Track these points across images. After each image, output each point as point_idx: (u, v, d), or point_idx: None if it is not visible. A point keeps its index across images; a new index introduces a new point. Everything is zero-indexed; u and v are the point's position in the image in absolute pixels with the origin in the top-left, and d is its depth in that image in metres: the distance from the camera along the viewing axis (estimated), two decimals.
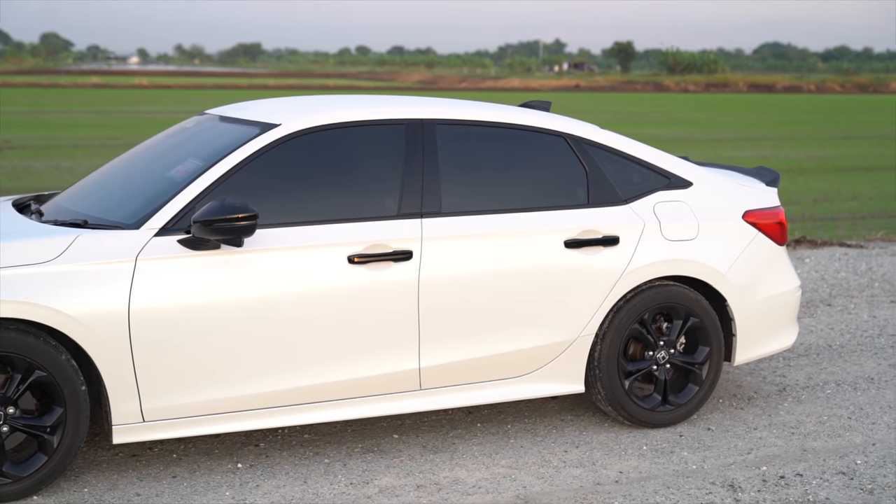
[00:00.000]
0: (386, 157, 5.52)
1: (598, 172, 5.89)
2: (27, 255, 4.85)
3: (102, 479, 5.18)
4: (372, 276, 5.30)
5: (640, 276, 5.82)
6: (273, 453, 5.54)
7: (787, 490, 5.17)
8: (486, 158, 5.77)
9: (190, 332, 5.02)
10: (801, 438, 5.88)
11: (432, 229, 5.44)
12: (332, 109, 5.57)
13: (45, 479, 4.93)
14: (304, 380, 5.24)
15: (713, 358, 6.04)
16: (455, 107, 5.86)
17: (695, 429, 6.01)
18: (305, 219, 5.27)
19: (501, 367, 5.64)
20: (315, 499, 5.00)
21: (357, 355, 5.32)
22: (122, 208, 5.27)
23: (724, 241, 6.06)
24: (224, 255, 5.07)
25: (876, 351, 7.65)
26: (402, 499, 5.01)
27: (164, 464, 5.38)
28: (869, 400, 6.54)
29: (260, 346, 5.14)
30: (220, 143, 5.46)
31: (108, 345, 4.90)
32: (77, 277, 4.86)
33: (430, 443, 5.74)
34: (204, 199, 5.11)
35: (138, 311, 4.92)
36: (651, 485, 5.22)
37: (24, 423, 4.87)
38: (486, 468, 5.40)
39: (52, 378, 4.86)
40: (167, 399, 5.04)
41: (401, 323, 5.38)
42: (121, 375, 4.95)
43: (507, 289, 5.57)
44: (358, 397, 5.39)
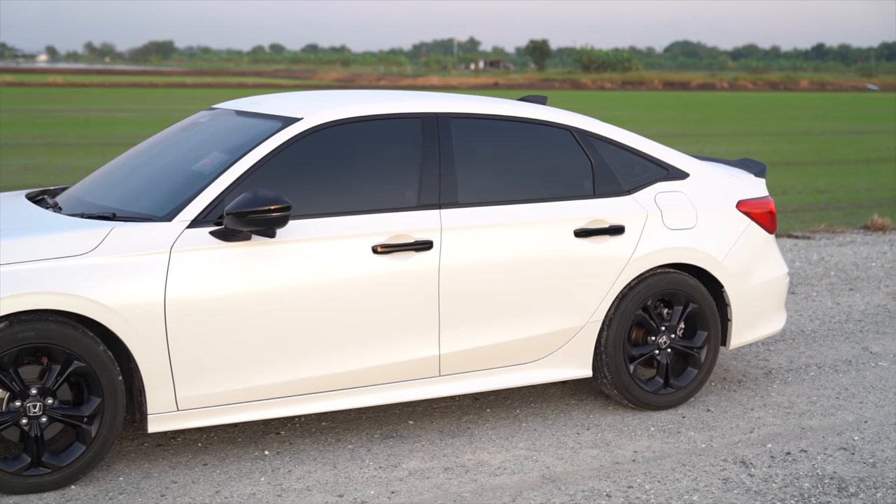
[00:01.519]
0: (404, 149, 5.67)
1: (602, 164, 6.11)
2: (64, 247, 4.91)
3: (134, 467, 5.25)
4: (395, 265, 5.44)
5: (644, 264, 6.04)
6: (296, 440, 5.66)
7: (796, 465, 5.42)
8: (498, 151, 5.95)
9: (222, 322, 5.12)
10: (796, 417, 6.15)
11: (451, 219, 5.60)
12: (351, 104, 5.71)
13: (83, 468, 5.00)
14: (331, 367, 5.37)
15: (711, 342, 6.29)
16: (467, 101, 6.04)
17: (695, 410, 6.25)
18: (330, 210, 5.40)
19: (515, 353, 5.82)
20: (348, 482, 5.13)
21: (381, 343, 5.47)
22: (150, 201, 5.35)
23: (720, 230, 6.31)
24: (254, 246, 5.18)
25: (847, 335, 7.98)
26: (433, 481, 5.17)
27: (191, 452, 5.47)
28: (851, 381, 6.84)
29: (289, 335, 5.26)
30: (243, 136, 5.56)
31: (144, 335, 4.98)
32: (114, 269, 4.94)
33: (445, 427, 5.90)
34: (232, 191, 5.22)
35: (174, 301, 5.01)
36: (667, 463, 5.44)
37: (62, 413, 4.94)
38: (506, 451, 5.58)
39: (90, 368, 4.93)
40: (200, 388, 5.14)
41: (422, 311, 5.53)
42: (156, 365, 5.03)
43: (522, 277, 5.75)
44: (381, 384, 5.53)
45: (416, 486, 5.10)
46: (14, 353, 4.80)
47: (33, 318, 4.82)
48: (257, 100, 6.23)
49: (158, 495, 4.95)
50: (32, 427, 4.88)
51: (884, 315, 8.63)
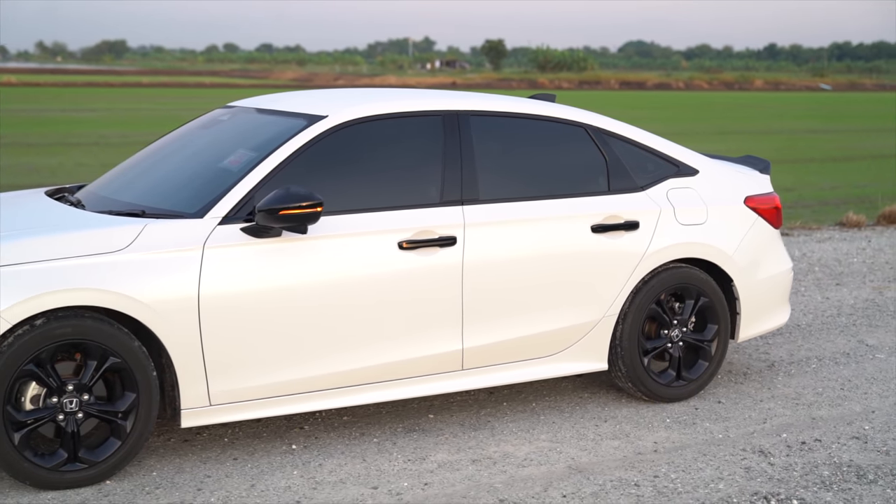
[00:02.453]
0: (426, 146, 5.75)
1: (616, 161, 6.22)
2: (99, 244, 4.95)
3: (165, 463, 5.30)
4: (420, 261, 5.52)
5: (658, 259, 6.16)
6: (321, 435, 5.72)
7: (813, 454, 5.56)
8: (516, 147, 6.05)
9: (254, 317, 5.17)
10: (805, 408, 6.30)
11: (473, 216, 5.69)
12: (374, 101, 5.78)
13: (119, 463, 5.04)
14: (360, 362, 5.44)
15: (721, 335, 6.42)
16: (485, 99, 6.13)
17: (707, 402, 6.38)
18: (356, 206, 5.47)
19: (534, 347, 5.92)
20: (380, 475, 5.20)
21: (407, 337, 5.54)
22: (180, 198, 5.39)
23: (729, 225, 6.44)
24: (285, 243, 5.24)
25: (841, 329, 8.15)
26: (463, 472, 5.25)
27: (220, 447, 5.52)
28: (852, 373, 7.01)
29: (319, 330, 5.33)
30: (267, 134, 5.61)
31: (178, 330, 5.03)
32: (148, 265, 4.98)
33: (466, 421, 5.98)
34: (261, 188, 5.27)
35: (207, 297, 5.06)
36: (689, 453, 5.56)
37: (98, 409, 4.97)
38: (529, 443, 5.67)
39: (125, 364, 4.97)
40: (232, 383, 5.19)
41: (446, 306, 5.62)
42: (190, 360, 5.08)
43: (542, 272, 5.85)
44: (406, 378, 5.61)
45: (447, 478, 5.18)
46: (51, 350, 4.83)
47: (70, 314, 4.85)
48: (277, 98, 6.29)
49: (195, 489, 4.99)
50: (69, 423, 4.91)
51: (873, 309, 8.82)
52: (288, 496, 4.94)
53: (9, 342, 4.74)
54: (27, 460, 4.83)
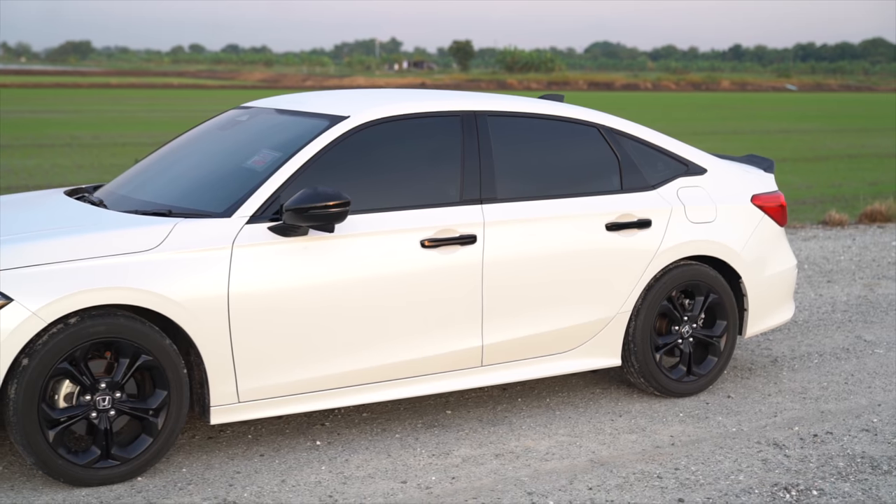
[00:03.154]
0: (446, 146, 5.84)
1: (628, 160, 6.33)
2: (130, 243, 5.00)
3: (193, 459, 5.35)
4: (442, 259, 5.61)
5: (669, 257, 6.28)
6: (343, 431, 5.79)
7: (826, 446, 5.69)
8: (532, 147, 6.14)
9: (281, 315, 5.24)
10: (813, 402, 6.43)
11: (492, 214, 5.78)
12: (394, 102, 5.86)
13: (151, 460, 5.10)
14: (383, 358, 5.52)
15: (730, 331, 6.55)
16: (501, 100, 6.22)
17: (716, 397, 6.50)
18: (379, 205, 5.55)
19: (551, 344, 6.02)
20: (406, 469, 5.28)
21: (429, 334, 5.63)
22: (206, 197, 5.45)
23: (737, 223, 6.57)
24: (311, 241, 5.31)
25: (838, 325, 8.30)
26: (487, 466, 5.34)
27: (244, 444, 5.58)
28: (854, 368, 7.15)
29: (345, 327, 5.40)
30: (290, 134, 5.68)
31: (209, 328, 5.09)
32: (179, 264, 5.04)
33: (483, 416, 6.08)
34: (287, 188, 5.34)
35: (237, 295, 5.13)
36: (705, 446, 5.67)
37: (130, 406, 5.03)
38: (548, 437, 5.77)
39: (157, 362, 5.02)
40: (260, 379, 5.25)
41: (467, 303, 5.71)
42: (219, 357, 5.14)
43: (559, 269, 5.95)
44: (428, 374, 5.69)
45: (473, 472, 5.27)
46: (85, 348, 4.88)
47: (103, 313, 4.91)
48: (295, 99, 6.35)
49: (226, 485, 5.06)
50: (101, 420, 4.96)
51: (866, 305, 8.98)
52: (319, 491, 5.01)
53: (43, 341, 4.79)
54: (61, 457, 4.88)
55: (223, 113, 6.60)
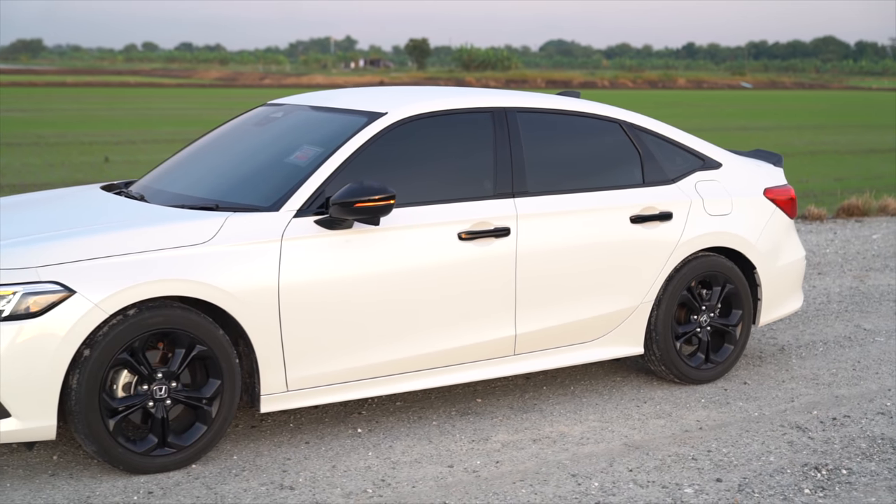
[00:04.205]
0: (478, 141, 6.02)
1: (649, 155, 6.54)
2: (184, 237, 5.14)
3: (242, 448, 5.50)
4: (478, 251, 5.79)
5: (689, 248, 6.50)
6: (381, 419, 5.96)
7: (846, 429, 5.93)
8: (559, 142, 6.34)
9: (328, 306, 5.40)
10: (826, 388, 6.68)
11: (524, 207, 5.97)
12: (429, 98, 6.03)
13: (205, 448, 5.24)
14: (422, 348, 5.69)
15: (745, 320, 6.79)
16: (529, 97, 6.42)
17: (734, 384, 6.73)
18: (418, 199, 5.72)
19: (579, 333, 6.22)
20: (449, 455, 5.46)
21: (467, 324, 5.81)
22: (251, 192, 5.60)
23: (751, 216, 6.80)
24: (355, 234, 5.47)
25: (836, 315, 8.58)
26: (527, 451, 5.53)
27: (288, 432, 5.73)
28: (858, 355, 7.41)
29: (387, 318, 5.57)
30: (329, 130, 5.84)
31: (260, 319, 5.24)
32: (231, 257, 5.19)
33: (514, 404, 6.26)
34: (331, 182, 5.49)
35: (286, 286, 5.28)
36: (732, 430, 5.89)
37: (185, 395, 5.16)
38: (580, 423, 5.97)
39: (211, 352, 5.17)
40: (307, 369, 5.41)
41: (501, 294, 5.89)
42: (270, 347, 5.29)
43: (587, 261, 6.16)
44: (464, 363, 5.87)
45: (515, 456, 5.45)
46: (144, 339, 5.02)
47: (159, 304, 5.04)
48: (329, 95, 6.50)
49: (280, 471, 5.21)
50: (158, 409, 5.10)
51: (859, 296, 9.26)
52: (371, 475, 5.18)
53: (104, 332, 4.91)
54: (121, 446, 5.02)
55: (252, 110, 6.73)
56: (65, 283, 4.85)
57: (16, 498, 4.86)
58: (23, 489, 4.95)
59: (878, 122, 39.60)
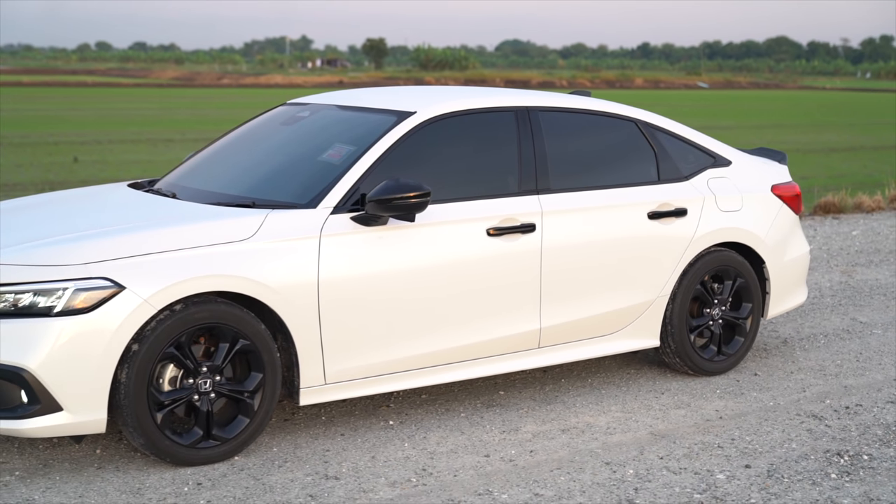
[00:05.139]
0: (503, 139, 6.17)
1: (664, 153, 6.72)
2: (226, 233, 5.25)
3: (279, 440, 5.61)
4: (506, 246, 5.94)
5: (703, 243, 6.69)
6: (410, 412, 6.09)
7: (860, 417, 6.14)
8: (579, 141, 6.50)
9: (364, 300, 5.53)
10: (834, 378, 6.88)
11: (548, 204, 6.12)
12: (456, 98, 6.18)
13: (247, 440, 5.35)
14: (454, 341, 5.83)
15: (755, 313, 6.99)
16: (548, 96, 6.58)
17: (745, 375, 6.92)
18: (448, 196, 5.85)
19: (599, 326, 6.39)
20: (483, 445, 5.60)
21: (495, 318, 5.96)
22: (287, 189, 5.71)
23: (760, 212, 7.01)
24: (390, 230, 5.60)
25: (832, 309, 8.81)
26: (557, 441, 5.69)
27: (321, 425, 5.85)
28: (859, 347, 7.64)
29: (420, 312, 5.70)
30: (360, 129, 5.96)
31: (300, 314, 5.36)
32: (272, 253, 5.30)
33: (535, 396, 6.42)
34: (365, 180, 5.62)
35: (325, 281, 5.40)
36: (751, 419, 6.08)
37: (228, 388, 5.27)
38: (604, 414, 6.13)
39: (253, 346, 5.28)
40: (345, 362, 5.53)
41: (527, 288, 6.05)
42: (309, 341, 5.41)
43: (608, 256, 6.33)
44: (491, 356, 6.02)
45: (547, 446, 5.60)
46: (190, 333, 5.12)
47: (204, 299, 5.14)
48: (354, 95, 6.62)
49: (321, 462, 5.33)
50: (203, 402, 5.20)
51: (850, 290, 9.51)
52: (411, 465, 5.31)
53: (152, 327, 5.01)
54: (168, 438, 5.11)
55: (273, 109, 6.83)
56: (115, 280, 4.94)
57: (68, 490, 4.94)
58: (73, 482, 5.04)
59: (834, 121, 40.26)
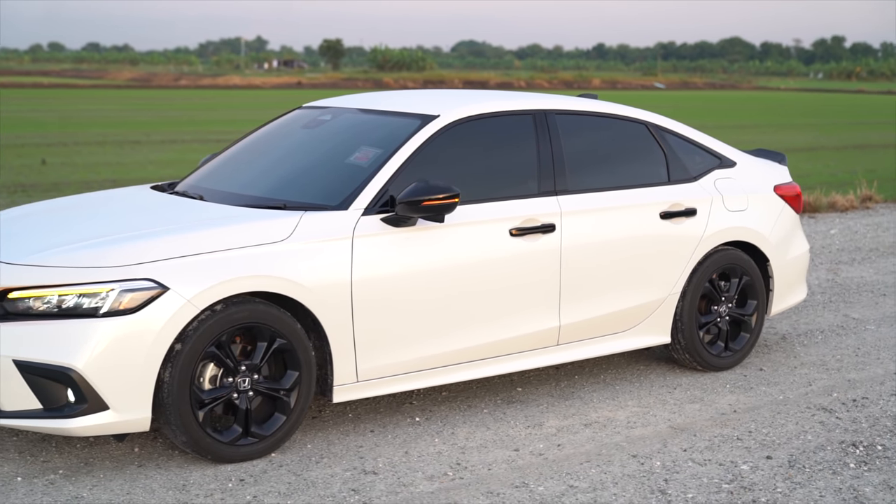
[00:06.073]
0: (522, 142, 6.33)
1: (673, 154, 6.91)
2: (263, 235, 5.37)
3: (311, 437, 5.73)
4: (527, 246, 6.10)
5: (712, 242, 6.88)
6: (434, 408, 6.23)
7: (868, 409, 6.35)
8: (593, 142, 6.68)
9: (394, 299, 5.66)
10: (836, 372, 7.10)
11: (567, 205, 6.29)
12: (477, 101, 6.33)
13: (284, 437, 5.47)
14: (479, 339, 5.98)
15: (760, 309, 7.19)
16: (562, 100, 6.75)
17: (751, 370, 7.12)
18: (472, 197, 6.00)
19: (615, 323, 6.56)
20: (511, 440, 5.75)
21: (517, 316, 6.11)
22: (317, 191, 5.83)
23: (764, 211, 7.21)
24: (418, 231, 5.74)
25: (823, 306, 9.04)
26: (583, 435, 5.85)
27: (350, 422, 5.97)
28: (856, 342, 7.86)
29: (447, 310, 5.85)
30: (385, 132, 6.10)
31: (334, 313, 5.49)
32: (308, 253, 5.43)
33: (553, 392, 6.58)
34: (393, 182, 5.76)
35: (358, 281, 5.53)
36: (764, 412, 6.27)
37: (266, 386, 5.39)
38: (622, 409, 6.30)
39: (290, 345, 5.39)
40: (375, 360, 5.66)
41: (547, 287, 6.21)
42: (343, 339, 5.54)
43: (623, 255, 6.50)
44: (513, 353, 6.18)
45: (572, 440, 5.76)
46: (230, 333, 5.23)
47: (243, 300, 5.26)
48: (373, 98, 6.75)
49: (356, 457, 5.45)
50: (242, 400, 5.31)
51: (838, 288, 9.76)
52: (444, 459, 5.45)
53: (194, 327, 5.12)
54: (209, 436, 5.22)
55: (288, 113, 6.94)
56: (159, 280, 5.04)
57: (114, 487, 5.04)
58: (118, 479, 5.13)
59: (793, 122, 40.75)
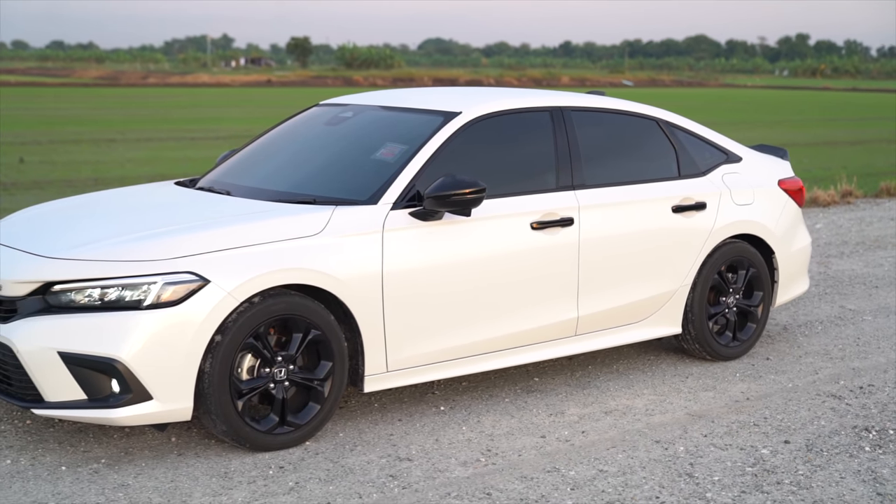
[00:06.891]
0: (541, 138, 6.50)
1: (683, 150, 7.10)
2: (298, 229, 5.51)
3: (342, 427, 5.87)
4: (547, 239, 6.27)
5: (721, 235, 7.08)
6: (456, 398, 6.38)
7: (876, 395, 6.56)
8: (608, 138, 6.85)
9: (422, 292, 5.81)
10: (840, 361, 7.31)
11: (585, 199, 6.46)
12: (497, 98, 6.50)
13: (318, 425, 5.61)
14: (502, 329, 6.15)
15: (765, 301, 7.40)
16: (576, 97, 6.93)
17: (758, 360, 7.32)
18: (495, 192, 6.15)
19: (629, 314, 6.74)
20: (536, 427, 5.92)
21: (538, 307, 6.28)
22: (342, 186, 5.99)
23: (769, 205, 7.42)
24: (445, 225, 5.89)
25: (819, 297, 9.27)
26: (604, 422, 6.02)
27: (378, 412, 6.12)
28: (856, 332, 8.09)
29: (472, 302, 6.01)
30: (409, 129, 6.25)
31: (366, 305, 5.63)
32: (341, 247, 5.57)
33: (570, 381, 6.75)
34: (420, 177, 5.91)
35: (389, 273, 5.68)
36: (776, 399, 6.47)
37: (301, 376, 5.53)
38: (639, 397, 6.48)
39: (324, 336, 5.54)
40: (404, 351, 5.81)
41: (566, 279, 6.38)
42: (374, 331, 5.69)
43: (638, 248, 6.68)
44: (534, 344, 6.34)
45: (595, 427, 5.94)
46: (267, 325, 5.37)
47: (280, 292, 5.39)
48: (394, 96, 6.90)
49: (388, 444, 5.60)
50: (278, 390, 5.45)
51: (830, 280, 9.99)
52: (474, 446, 5.61)
53: (233, 318, 5.25)
54: (248, 425, 5.35)
55: (307, 110, 7.07)
56: (200, 273, 5.17)
57: (158, 475, 5.16)
58: (160, 468, 5.26)
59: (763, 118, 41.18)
